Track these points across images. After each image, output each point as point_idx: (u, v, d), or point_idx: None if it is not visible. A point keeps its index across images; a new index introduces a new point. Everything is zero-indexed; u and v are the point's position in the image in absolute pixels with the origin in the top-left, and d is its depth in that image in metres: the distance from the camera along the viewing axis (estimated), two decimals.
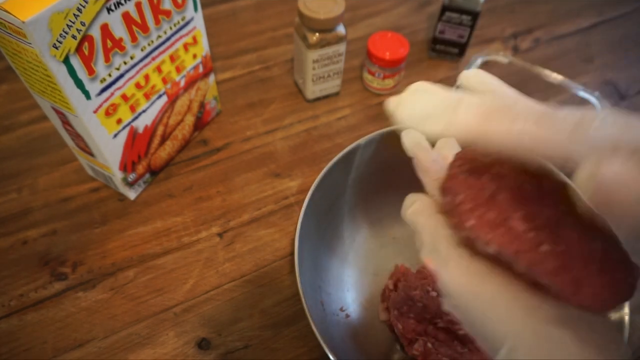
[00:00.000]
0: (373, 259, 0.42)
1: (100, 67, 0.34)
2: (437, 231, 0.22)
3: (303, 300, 0.32)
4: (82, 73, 0.33)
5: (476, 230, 0.20)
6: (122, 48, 0.35)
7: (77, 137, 0.39)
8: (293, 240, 0.43)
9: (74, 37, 0.30)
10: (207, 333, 0.38)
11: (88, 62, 0.33)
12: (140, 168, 0.44)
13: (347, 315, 0.39)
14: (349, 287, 0.40)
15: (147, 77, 0.39)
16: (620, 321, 0.32)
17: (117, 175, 0.42)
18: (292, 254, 0.42)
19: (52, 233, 0.43)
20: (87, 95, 0.34)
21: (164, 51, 0.39)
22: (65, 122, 0.37)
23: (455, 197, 0.21)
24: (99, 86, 0.35)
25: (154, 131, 0.43)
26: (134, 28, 0.35)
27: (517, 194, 0.20)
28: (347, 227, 0.42)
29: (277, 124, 0.52)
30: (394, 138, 0.42)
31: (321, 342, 0.30)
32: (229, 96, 0.54)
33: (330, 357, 0.30)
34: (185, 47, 0.42)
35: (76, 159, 0.47)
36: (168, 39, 0.39)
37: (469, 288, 0.19)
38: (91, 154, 0.40)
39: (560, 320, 0.18)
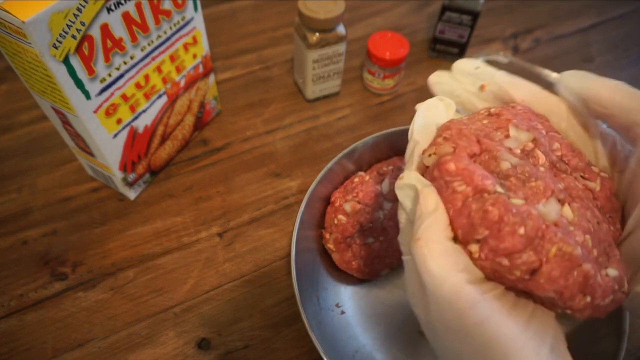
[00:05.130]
0: None
1: (100, 67, 0.34)
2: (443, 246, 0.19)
3: (298, 300, 0.32)
4: (82, 73, 0.33)
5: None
6: (122, 48, 0.35)
7: (77, 137, 0.39)
8: None
9: (73, 37, 0.30)
10: (207, 333, 0.38)
11: (88, 62, 0.33)
12: (140, 168, 0.44)
13: (343, 312, 0.39)
14: (346, 284, 0.41)
15: (147, 77, 0.39)
16: (620, 321, 0.32)
17: (117, 175, 0.42)
18: None
19: (52, 233, 0.43)
20: (87, 95, 0.34)
21: (164, 51, 0.39)
22: (65, 122, 0.37)
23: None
24: (99, 86, 0.35)
25: (154, 131, 0.43)
26: (134, 28, 0.35)
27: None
28: None
29: (277, 124, 0.52)
30: (393, 139, 0.42)
31: (316, 343, 0.31)
32: (229, 96, 0.54)
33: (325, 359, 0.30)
34: (185, 47, 0.42)
35: (76, 159, 0.47)
36: (168, 39, 0.39)
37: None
38: (91, 154, 0.40)
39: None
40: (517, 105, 0.23)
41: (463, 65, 0.26)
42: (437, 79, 0.26)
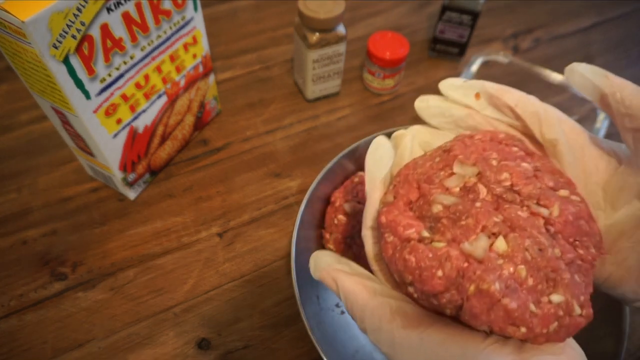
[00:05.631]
0: None
1: (100, 67, 0.34)
2: (370, 300, 0.21)
3: (298, 300, 0.32)
4: (82, 73, 0.33)
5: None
6: (122, 48, 0.35)
7: (77, 137, 0.39)
8: None
9: (73, 37, 0.30)
10: (207, 333, 0.38)
11: (88, 62, 0.33)
12: (140, 168, 0.44)
13: (343, 312, 0.39)
14: None
15: (147, 77, 0.39)
16: (620, 321, 0.32)
17: (117, 175, 0.42)
18: None
19: (52, 233, 0.43)
20: (87, 95, 0.34)
21: (163, 51, 0.39)
22: (65, 122, 0.37)
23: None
24: (98, 86, 0.35)
25: (153, 131, 0.43)
26: (134, 28, 0.35)
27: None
28: None
29: (277, 124, 0.52)
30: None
31: (316, 344, 0.30)
32: (229, 96, 0.54)
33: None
34: (185, 47, 0.42)
35: (76, 159, 0.47)
36: (168, 38, 0.39)
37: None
38: (91, 154, 0.40)
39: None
40: (477, 134, 0.24)
41: (451, 80, 0.26)
42: (424, 103, 0.26)
